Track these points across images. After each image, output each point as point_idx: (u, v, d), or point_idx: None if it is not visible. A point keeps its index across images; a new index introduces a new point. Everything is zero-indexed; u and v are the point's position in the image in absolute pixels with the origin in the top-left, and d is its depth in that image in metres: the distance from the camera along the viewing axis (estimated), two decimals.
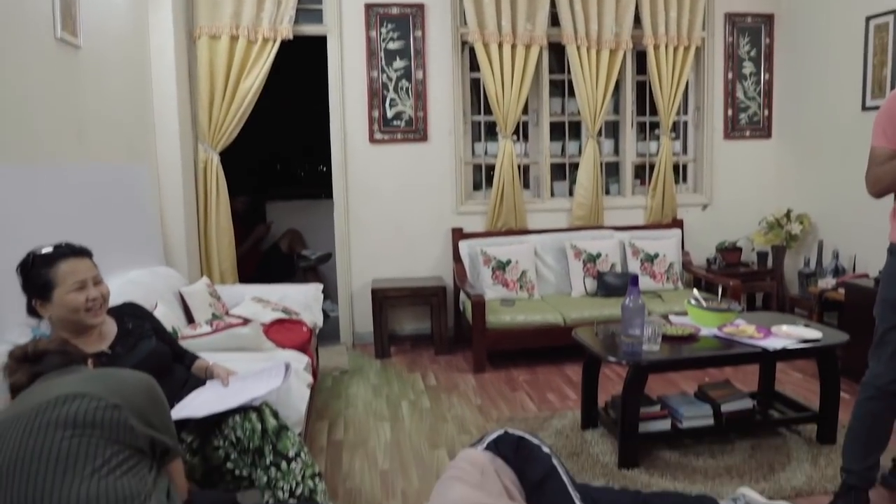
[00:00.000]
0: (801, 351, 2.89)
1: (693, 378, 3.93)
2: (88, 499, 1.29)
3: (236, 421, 2.07)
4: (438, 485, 2.22)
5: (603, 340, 3.00)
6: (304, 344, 3.28)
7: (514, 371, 4.26)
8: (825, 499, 2.52)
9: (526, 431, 2.37)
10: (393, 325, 4.96)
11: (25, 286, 1.97)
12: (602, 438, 3.15)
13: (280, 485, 2.02)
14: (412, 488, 2.77)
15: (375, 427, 3.42)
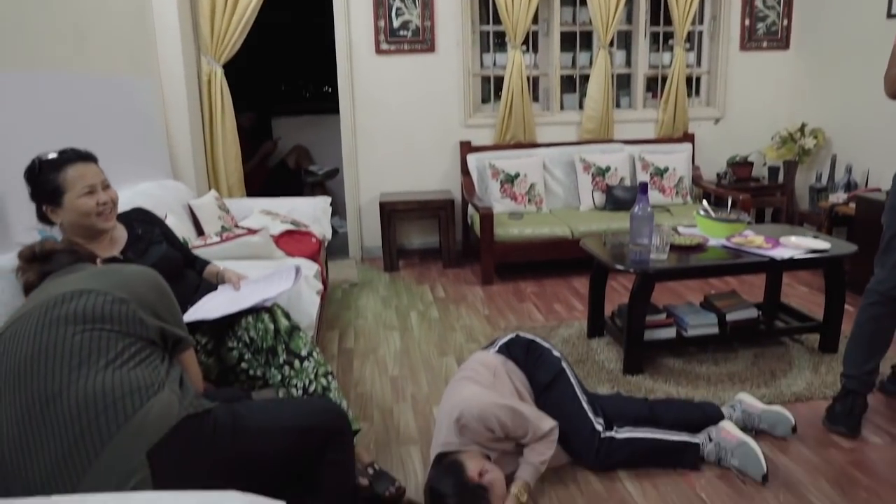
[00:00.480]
0: (808, 261, 2.89)
1: (699, 290, 3.97)
2: (104, 389, 1.33)
3: (249, 322, 2.11)
4: (451, 384, 2.29)
5: (611, 250, 3.01)
6: (313, 254, 3.31)
7: (522, 283, 4.30)
8: (824, 403, 2.59)
9: (537, 336, 2.43)
10: (401, 238, 4.98)
11: (34, 193, 1.97)
12: (608, 346, 3.21)
13: (294, 382, 2.08)
14: (421, 392, 2.85)
15: (385, 336, 3.49)
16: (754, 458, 2.14)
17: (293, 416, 1.57)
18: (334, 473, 1.60)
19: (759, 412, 2.38)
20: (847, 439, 2.38)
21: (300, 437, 1.55)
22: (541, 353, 2.35)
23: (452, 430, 2.06)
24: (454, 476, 1.91)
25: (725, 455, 2.20)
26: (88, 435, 1.28)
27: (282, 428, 1.52)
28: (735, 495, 2.09)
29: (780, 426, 2.35)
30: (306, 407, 1.68)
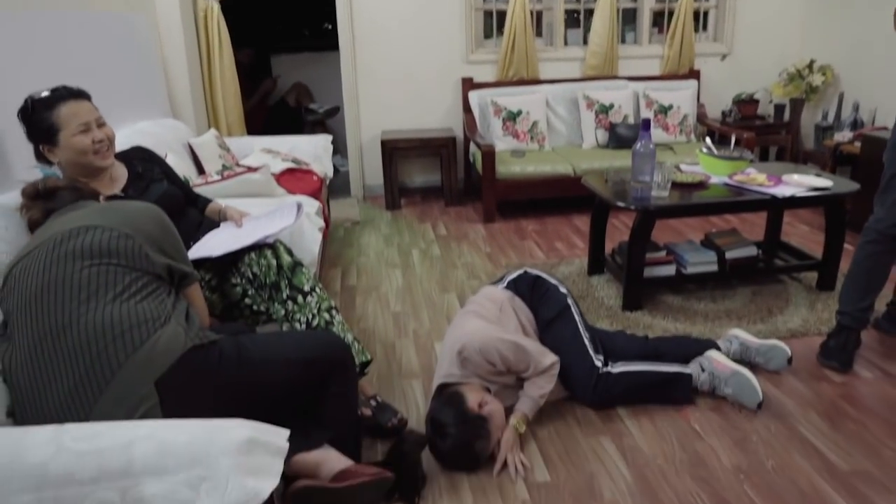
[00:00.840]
0: (810, 199, 2.89)
1: (700, 228, 3.98)
2: (112, 321, 1.36)
3: (252, 258, 2.13)
4: (457, 317, 2.33)
5: (612, 187, 3.01)
6: (315, 192, 3.31)
7: (524, 221, 4.32)
8: (819, 339, 2.63)
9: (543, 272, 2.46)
10: (403, 177, 4.97)
11: (30, 133, 1.94)
12: (608, 283, 3.24)
13: (297, 317, 2.12)
14: (423, 328, 2.90)
15: (387, 273, 3.52)
16: (749, 386, 2.21)
17: (297, 348, 1.61)
18: (338, 405, 1.65)
19: (757, 345, 2.43)
20: (839, 374, 2.43)
21: (304, 368, 1.59)
22: (547, 288, 2.38)
23: (454, 362, 2.11)
24: (455, 407, 1.97)
25: (720, 384, 2.27)
26: (98, 365, 1.32)
27: (285, 359, 1.55)
28: (728, 427, 2.15)
29: (777, 359, 2.40)
30: (310, 339, 1.72)
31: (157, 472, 1.13)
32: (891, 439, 2.06)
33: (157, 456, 1.14)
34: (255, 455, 1.18)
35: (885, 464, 1.96)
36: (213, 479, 1.13)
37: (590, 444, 2.10)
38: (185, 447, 1.15)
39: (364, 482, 1.46)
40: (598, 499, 1.86)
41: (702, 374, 2.30)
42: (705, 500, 1.83)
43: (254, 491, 1.13)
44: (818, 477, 1.91)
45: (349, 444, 1.65)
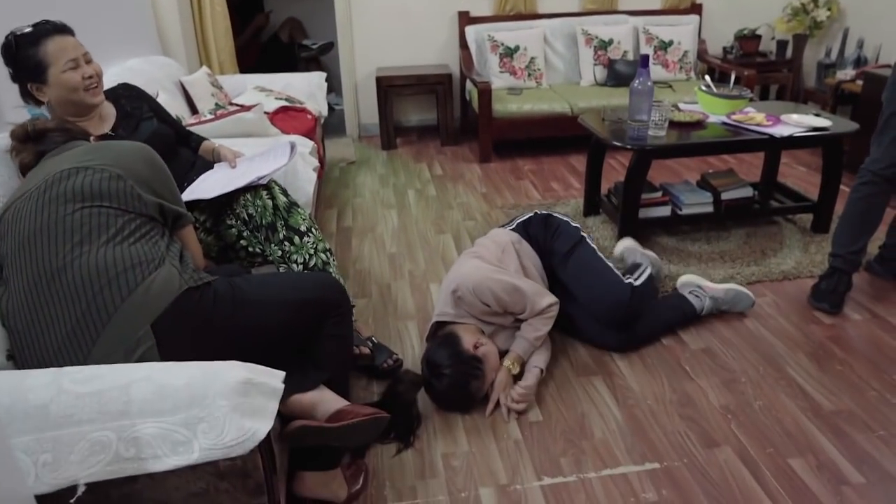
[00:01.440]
0: (808, 139, 2.86)
1: (698, 168, 3.96)
2: (107, 264, 1.36)
3: (247, 199, 2.12)
4: (459, 258, 2.34)
5: (609, 125, 2.97)
6: (309, 131, 3.27)
7: (520, 161, 4.28)
8: (811, 281, 2.65)
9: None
10: (399, 116, 4.90)
11: (16, 72, 1.88)
12: (603, 224, 3.24)
13: (294, 258, 2.12)
14: (419, 269, 2.91)
15: (383, 214, 3.51)
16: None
17: (292, 290, 1.61)
18: (333, 346, 1.65)
19: (721, 295, 2.47)
20: (828, 316, 2.46)
21: (299, 309, 1.59)
22: (558, 224, 2.38)
23: (449, 301, 2.13)
24: (450, 347, 2.00)
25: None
26: (94, 307, 1.32)
27: (281, 300, 1.56)
28: (717, 367, 2.19)
29: (742, 302, 2.47)
30: (306, 281, 1.71)
31: (155, 414, 1.15)
32: (875, 380, 2.11)
33: (155, 397, 1.15)
34: (252, 396, 1.20)
35: (868, 404, 2.00)
36: (210, 419, 1.15)
37: (581, 385, 2.14)
38: (183, 389, 1.17)
39: (359, 421, 1.48)
40: (589, 437, 1.91)
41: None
42: (693, 439, 1.88)
43: (250, 431, 1.16)
44: (803, 416, 1.96)
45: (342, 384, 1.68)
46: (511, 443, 1.90)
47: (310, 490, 1.64)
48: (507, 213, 3.41)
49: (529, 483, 1.76)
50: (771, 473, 1.76)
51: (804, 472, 1.76)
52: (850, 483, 1.72)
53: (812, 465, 1.78)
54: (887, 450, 1.83)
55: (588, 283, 2.25)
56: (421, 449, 1.89)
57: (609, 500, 1.69)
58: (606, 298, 2.23)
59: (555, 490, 1.73)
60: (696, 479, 1.75)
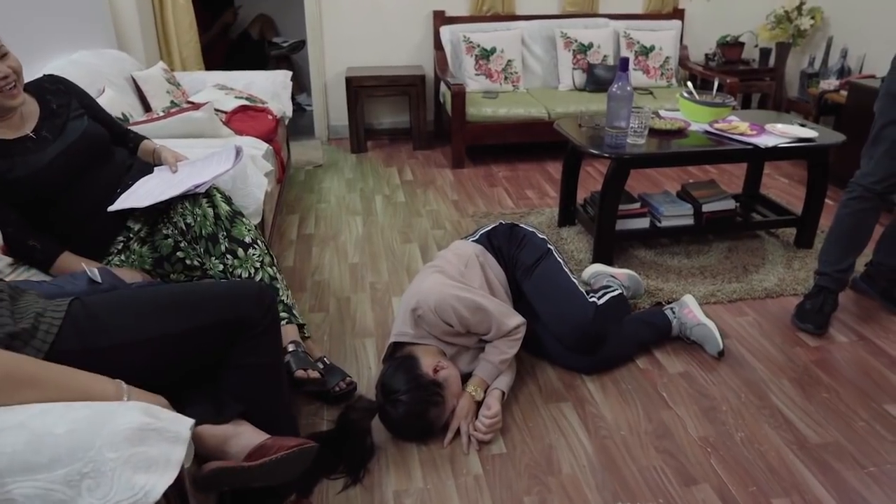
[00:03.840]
0: (793, 150, 2.72)
1: (678, 178, 3.83)
2: None
3: (186, 207, 1.93)
4: (420, 272, 2.16)
5: (586, 132, 2.81)
6: (268, 132, 3.07)
7: (494, 167, 4.11)
8: (794, 300, 2.51)
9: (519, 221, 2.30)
10: (370, 118, 4.71)
11: None
12: (578, 235, 3.08)
13: (237, 273, 1.93)
14: (381, 281, 2.73)
15: (347, 221, 3.32)
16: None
17: (174, 318, 1.34)
18: (245, 377, 1.42)
19: (693, 325, 2.24)
20: (813, 337, 2.32)
21: (181, 342, 1.33)
22: (524, 234, 2.22)
23: (408, 320, 1.95)
24: (407, 372, 1.82)
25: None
26: None
27: (148, 339, 1.30)
28: (697, 394, 2.04)
29: (709, 345, 2.22)
30: (195, 302, 1.39)
31: (29, 470, 0.95)
32: (863, 409, 1.96)
33: (29, 450, 0.96)
34: (149, 444, 1.01)
35: (856, 436, 1.86)
36: (96, 475, 0.96)
37: (550, 412, 1.97)
38: (63, 438, 0.98)
39: (283, 456, 1.29)
40: (556, 473, 1.74)
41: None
42: (669, 476, 1.72)
43: (143, 490, 0.97)
44: (787, 450, 1.80)
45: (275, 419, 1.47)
46: (471, 479, 1.73)
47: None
48: (477, 222, 3.24)
49: None
50: None
51: None
52: None
53: None
54: (877, 488, 1.68)
55: (550, 299, 2.09)
56: (371, 485, 1.71)
57: None
58: (568, 317, 2.07)
59: None
60: None
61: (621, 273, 2.49)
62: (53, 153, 1.82)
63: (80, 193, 1.87)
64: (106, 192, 1.93)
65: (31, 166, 1.77)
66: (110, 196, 1.93)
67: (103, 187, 1.93)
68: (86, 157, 1.90)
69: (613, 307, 2.20)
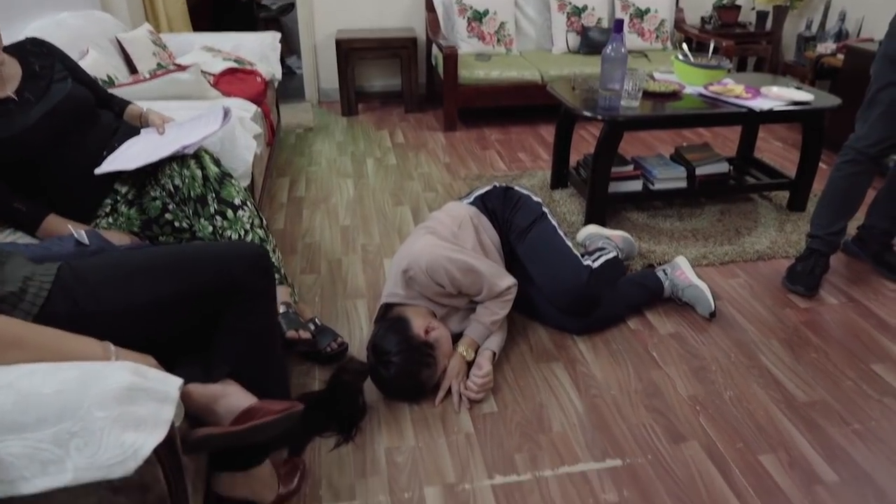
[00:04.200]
0: (788, 113, 2.70)
1: (672, 141, 3.80)
2: None
3: (174, 168, 1.90)
4: (412, 233, 2.15)
5: (579, 94, 2.78)
6: (257, 95, 3.02)
7: (487, 130, 4.08)
8: (785, 262, 2.52)
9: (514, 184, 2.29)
10: (361, 81, 4.65)
11: None
12: (571, 198, 3.07)
13: (227, 234, 1.92)
14: (373, 243, 2.72)
15: (338, 184, 3.30)
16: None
17: (167, 281, 1.32)
18: (234, 341, 1.40)
19: (685, 286, 2.25)
20: (804, 299, 2.33)
21: (172, 309, 1.31)
22: (518, 197, 2.20)
23: (399, 281, 1.95)
24: (399, 333, 1.82)
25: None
26: None
27: (140, 304, 1.28)
28: (687, 354, 2.05)
29: (700, 306, 2.22)
30: (188, 266, 1.36)
31: (17, 429, 0.95)
32: (850, 369, 1.98)
33: (16, 409, 0.95)
34: (138, 404, 1.00)
35: (843, 395, 1.88)
36: (84, 434, 0.96)
37: (541, 372, 1.98)
38: (51, 398, 0.97)
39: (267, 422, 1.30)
40: (547, 431, 1.75)
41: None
42: (659, 434, 1.74)
43: (132, 448, 0.97)
44: (775, 408, 1.82)
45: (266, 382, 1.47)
46: (462, 437, 1.74)
47: (229, 491, 1.45)
48: (469, 185, 3.22)
49: (480, 482, 1.60)
50: (740, 471, 1.62)
51: (775, 470, 1.62)
52: (822, 482, 1.59)
53: (784, 462, 1.65)
54: (862, 445, 1.70)
55: (544, 261, 2.09)
56: (363, 443, 1.72)
57: (565, 502, 1.54)
58: (562, 280, 2.06)
59: (507, 490, 1.58)
60: (660, 477, 1.61)
61: (616, 234, 2.48)
62: (37, 115, 1.78)
63: (66, 156, 1.84)
64: (92, 154, 1.90)
65: (14, 128, 1.73)
66: (97, 159, 1.90)
67: (90, 150, 1.90)
68: (70, 119, 1.87)
69: (608, 270, 2.20)
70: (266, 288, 1.45)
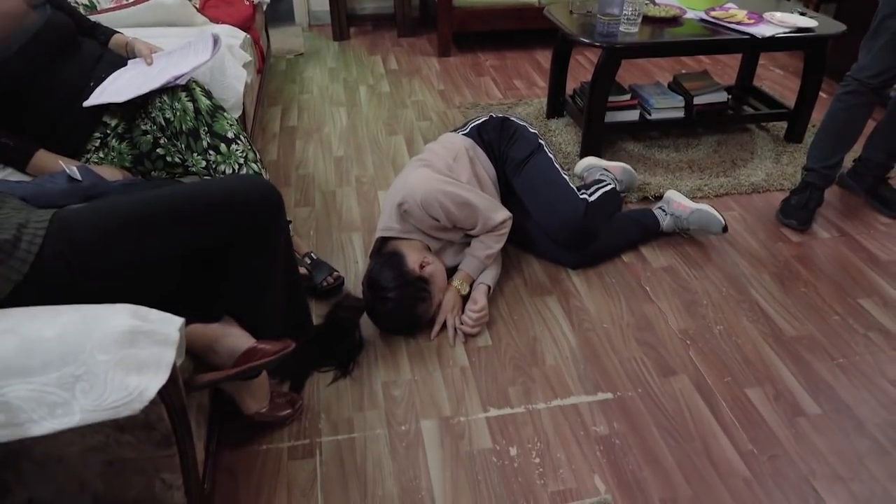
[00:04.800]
0: (792, 40, 2.63)
1: (671, 69, 3.73)
2: None
3: (164, 101, 1.85)
4: (407, 165, 2.13)
5: (577, 19, 2.70)
6: (246, 20, 2.92)
7: (482, 55, 3.97)
8: (780, 195, 2.52)
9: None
10: (352, 3, 4.49)
11: None
12: (567, 128, 3.03)
13: (221, 169, 1.89)
14: (367, 174, 2.69)
15: (331, 113, 3.24)
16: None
17: (156, 235, 1.27)
18: (237, 284, 1.41)
19: (688, 214, 2.23)
20: (796, 233, 2.35)
21: (167, 263, 1.30)
22: (515, 129, 2.17)
23: (394, 215, 1.94)
24: (394, 268, 1.83)
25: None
26: None
27: (135, 261, 1.25)
28: (679, 288, 2.08)
29: (712, 225, 2.21)
30: (197, 209, 1.31)
31: (22, 373, 0.97)
32: (838, 304, 2.02)
33: (20, 354, 0.97)
34: (139, 347, 1.02)
35: (830, 329, 1.92)
36: (89, 377, 0.98)
37: (535, 305, 2.01)
38: (54, 342, 0.98)
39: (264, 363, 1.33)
40: (540, 365, 1.80)
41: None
42: (649, 367, 1.79)
43: (137, 390, 0.99)
44: (763, 343, 1.87)
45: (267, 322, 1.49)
46: (457, 370, 1.78)
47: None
48: (464, 113, 3.17)
49: (474, 415, 1.65)
50: (727, 404, 1.68)
51: (760, 403, 1.68)
52: (805, 414, 1.65)
53: (769, 395, 1.70)
54: (845, 378, 1.76)
55: (541, 194, 2.08)
56: (360, 377, 1.76)
57: (557, 434, 1.60)
58: (559, 213, 2.06)
59: (501, 422, 1.63)
60: (649, 410, 1.66)
61: (615, 166, 2.46)
62: (16, 46, 1.72)
63: (49, 88, 1.78)
64: (77, 85, 1.85)
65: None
66: (83, 90, 1.85)
67: (73, 81, 1.84)
68: (52, 48, 1.80)
69: (605, 203, 2.20)
70: (274, 228, 1.43)
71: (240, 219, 1.36)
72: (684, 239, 2.29)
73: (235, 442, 1.57)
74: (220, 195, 1.37)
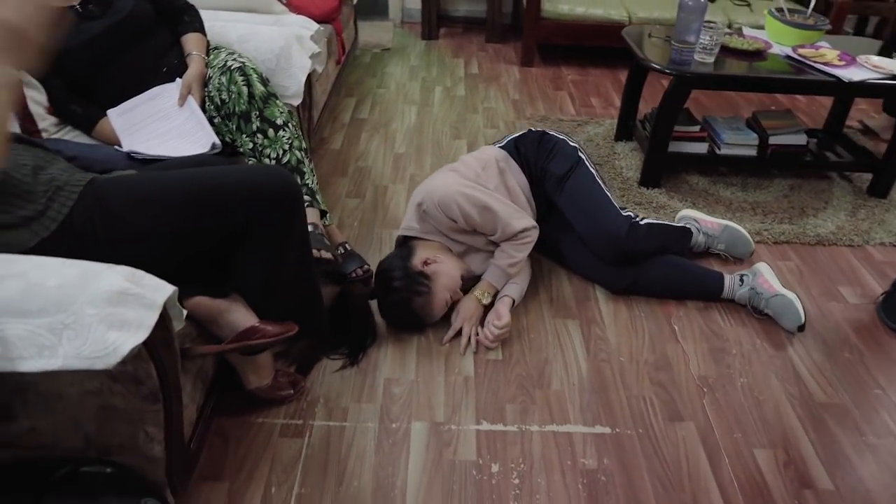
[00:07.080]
0: (882, 87, 2.46)
1: (759, 104, 3.56)
2: None
3: (222, 82, 1.96)
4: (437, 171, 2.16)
5: (654, 43, 2.63)
6: (330, 12, 3.01)
7: (564, 69, 3.93)
8: (847, 252, 2.38)
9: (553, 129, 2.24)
10: (446, 3, 4.55)
11: None
12: (632, 152, 2.96)
13: (266, 152, 1.98)
14: (422, 174, 2.73)
15: (402, 110, 3.30)
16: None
17: (186, 213, 1.35)
18: (248, 271, 1.45)
19: (770, 296, 2.01)
20: (857, 295, 2.18)
21: (186, 239, 1.36)
22: (554, 143, 2.16)
23: (414, 215, 2.00)
24: (401, 260, 1.89)
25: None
26: None
27: (161, 233, 1.33)
28: (710, 333, 2.00)
29: (788, 318, 1.98)
30: (216, 195, 1.38)
31: (21, 314, 1.05)
32: (884, 377, 1.88)
33: (22, 297, 1.06)
34: (125, 306, 1.08)
35: (868, 403, 1.79)
36: (76, 327, 1.05)
37: (555, 326, 1.99)
38: (53, 290, 1.06)
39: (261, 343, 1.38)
40: (545, 387, 1.77)
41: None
42: (656, 408, 1.73)
43: (113, 345, 1.05)
44: (787, 404, 1.77)
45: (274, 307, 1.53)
46: (461, 379, 1.79)
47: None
48: (533, 126, 3.12)
49: (466, 425, 1.65)
50: (730, 461, 1.60)
51: (767, 467, 1.59)
52: (814, 487, 1.55)
53: (780, 459, 1.61)
54: (871, 458, 1.63)
55: (584, 210, 2.06)
56: (366, 369, 1.80)
57: (544, 459, 1.57)
58: (602, 227, 2.03)
59: (490, 437, 1.62)
60: (645, 452, 1.61)
61: (714, 222, 2.29)
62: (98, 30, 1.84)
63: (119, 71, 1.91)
64: (148, 69, 1.97)
65: (70, 41, 1.79)
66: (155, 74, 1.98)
67: (144, 64, 1.96)
68: (125, 36, 1.90)
69: (656, 233, 2.11)
70: (289, 219, 1.47)
71: (259, 206, 1.42)
72: (772, 317, 2.05)
73: (233, 411, 1.64)
74: (246, 183, 1.43)
